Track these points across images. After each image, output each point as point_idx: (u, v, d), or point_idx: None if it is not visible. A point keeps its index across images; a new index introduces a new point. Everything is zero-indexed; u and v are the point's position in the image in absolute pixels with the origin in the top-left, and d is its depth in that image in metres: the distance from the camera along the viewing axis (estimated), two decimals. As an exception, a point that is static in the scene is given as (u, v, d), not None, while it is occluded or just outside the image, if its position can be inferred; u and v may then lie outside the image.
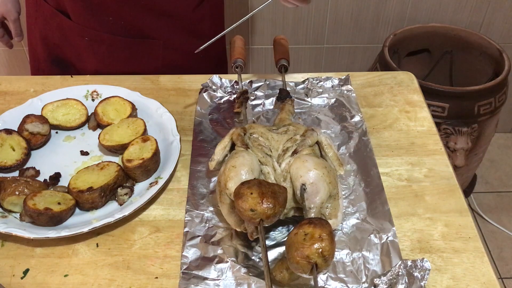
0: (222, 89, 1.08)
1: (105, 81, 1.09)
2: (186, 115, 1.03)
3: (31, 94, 1.08)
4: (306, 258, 0.64)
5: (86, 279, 0.75)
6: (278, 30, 1.98)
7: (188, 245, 0.78)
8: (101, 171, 0.87)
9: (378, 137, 0.98)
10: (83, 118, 1.00)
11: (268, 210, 0.68)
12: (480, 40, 1.87)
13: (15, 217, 0.82)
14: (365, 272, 0.74)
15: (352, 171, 0.90)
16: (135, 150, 0.90)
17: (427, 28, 1.92)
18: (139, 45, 1.15)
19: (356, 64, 2.12)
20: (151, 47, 1.16)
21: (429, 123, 1.01)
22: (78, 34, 1.14)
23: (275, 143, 0.84)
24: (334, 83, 1.08)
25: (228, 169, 0.77)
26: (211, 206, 0.84)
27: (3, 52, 2.06)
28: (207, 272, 0.74)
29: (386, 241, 0.78)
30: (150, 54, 1.17)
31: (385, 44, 1.81)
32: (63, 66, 1.21)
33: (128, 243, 0.80)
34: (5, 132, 0.93)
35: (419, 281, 0.70)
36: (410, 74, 1.14)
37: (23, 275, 0.75)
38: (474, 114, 1.70)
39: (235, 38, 1.15)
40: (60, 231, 0.78)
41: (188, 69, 1.18)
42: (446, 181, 0.89)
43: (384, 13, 1.95)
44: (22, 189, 0.83)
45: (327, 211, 0.77)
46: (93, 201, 0.83)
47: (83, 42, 1.15)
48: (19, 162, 0.91)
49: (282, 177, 0.80)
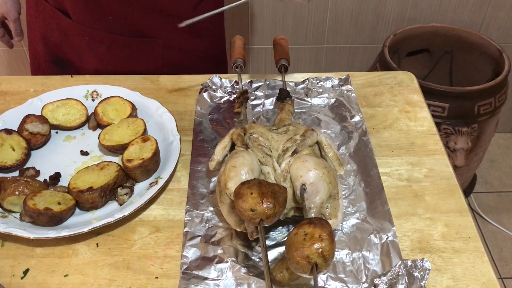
0: (222, 89, 1.08)
1: (105, 81, 1.09)
2: (186, 115, 1.03)
3: (31, 94, 1.08)
4: (306, 258, 0.64)
5: (86, 279, 0.75)
6: (278, 30, 1.98)
7: (188, 245, 0.78)
8: (101, 171, 0.87)
9: (378, 137, 0.98)
10: (83, 118, 1.00)
11: (268, 210, 0.68)
12: (480, 40, 1.87)
13: (15, 217, 0.82)
14: (365, 272, 0.74)
15: (352, 171, 0.90)
16: (135, 150, 0.90)
17: (427, 28, 1.92)
18: (139, 44, 1.15)
19: (356, 64, 2.12)
20: (151, 47, 1.16)
21: (429, 123, 1.01)
22: (78, 34, 1.14)
23: (275, 143, 0.84)
24: (334, 83, 1.08)
25: (228, 169, 0.77)
26: (211, 206, 0.84)
27: (3, 52, 2.06)
28: (207, 272, 0.74)
29: (386, 241, 0.78)
30: (150, 53, 1.17)
31: (385, 44, 1.81)
32: (63, 66, 1.21)
33: (128, 243, 0.80)
34: (5, 132, 0.93)
35: (419, 281, 0.70)
36: (410, 74, 1.14)
37: (23, 275, 0.75)
38: (474, 114, 1.70)
39: (235, 38, 1.15)
40: (60, 231, 0.77)
41: (188, 68, 1.18)
42: (446, 181, 0.89)
43: (384, 13, 1.95)
44: (22, 189, 0.83)
45: (327, 211, 0.77)
46: (93, 201, 0.83)
47: (83, 41, 1.15)
48: (19, 162, 0.91)
49: (282, 177, 0.80)
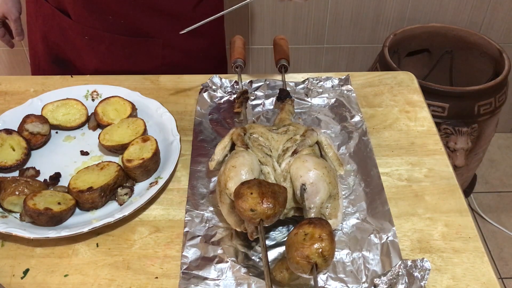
0: (222, 89, 1.08)
1: (105, 81, 1.09)
2: (186, 115, 1.03)
3: (31, 94, 1.08)
4: (306, 258, 0.64)
5: (86, 279, 0.75)
6: (278, 30, 1.98)
7: (188, 245, 0.78)
8: (101, 171, 0.87)
9: (378, 137, 0.98)
10: (83, 118, 1.00)
11: (268, 210, 0.68)
12: (480, 40, 1.87)
13: (15, 217, 0.82)
14: (365, 272, 0.74)
15: (352, 171, 0.90)
16: (135, 150, 0.90)
17: (427, 28, 1.92)
18: (139, 44, 1.16)
19: (356, 64, 2.12)
20: (151, 46, 1.16)
21: (429, 123, 1.01)
22: (78, 33, 1.14)
23: (275, 143, 0.84)
24: (334, 83, 1.08)
25: (228, 169, 0.77)
26: (211, 206, 0.84)
27: (4, 52, 2.06)
28: (207, 272, 0.74)
29: (386, 241, 0.78)
30: (149, 53, 1.17)
31: (385, 44, 1.81)
32: (63, 65, 1.22)
33: (128, 243, 0.80)
34: (5, 132, 0.93)
35: (419, 281, 0.70)
36: (410, 74, 1.14)
37: (23, 275, 0.75)
38: (474, 114, 1.70)
39: (235, 38, 1.15)
40: (60, 231, 0.77)
41: (188, 68, 1.18)
42: (446, 181, 0.89)
43: (384, 13, 1.95)
44: (22, 189, 0.83)
45: (327, 211, 0.77)
46: (93, 201, 0.83)
47: (83, 41, 1.15)
48: (19, 162, 0.91)
49: (282, 177, 0.80)
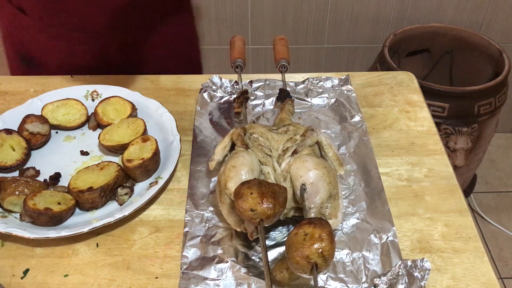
0: (222, 89, 1.08)
1: (105, 81, 1.09)
2: (186, 115, 1.03)
3: (31, 94, 1.08)
4: (306, 258, 0.64)
5: (86, 279, 0.75)
6: (278, 30, 1.98)
7: (188, 245, 0.78)
8: (101, 171, 0.87)
9: (378, 137, 0.98)
10: (83, 118, 1.00)
11: (268, 210, 0.68)
12: (480, 40, 1.87)
13: (15, 217, 0.82)
14: (365, 272, 0.74)
15: (352, 171, 0.90)
16: (135, 150, 0.90)
17: (427, 28, 1.92)
18: (95, 41, 1.15)
19: (356, 64, 2.12)
20: (107, 43, 1.16)
21: (429, 123, 1.01)
22: (36, 31, 1.15)
23: (275, 143, 0.84)
24: (334, 83, 1.08)
25: (228, 169, 0.77)
26: (211, 206, 0.84)
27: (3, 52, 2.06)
28: (207, 272, 0.74)
29: (386, 241, 0.78)
30: (106, 50, 1.17)
31: (385, 44, 1.81)
32: (29, 63, 1.22)
33: (128, 243, 0.80)
34: (5, 132, 0.93)
35: (419, 281, 0.70)
36: (410, 74, 1.14)
37: (23, 275, 0.75)
38: (474, 114, 1.70)
39: (235, 38, 1.15)
40: (60, 231, 0.77)
41: (147, 64, 1.19)
42: (446, 181, 0.89)
43: (384, 13, 1.95)
44: (22, 189, 0.83)
45: (327, 211, 0.77)
46: (93, 201, 0.83)
47: (43, 38, 1.15)
48: (19, 162, 0.91)
49: (282, 177, 0.80)
